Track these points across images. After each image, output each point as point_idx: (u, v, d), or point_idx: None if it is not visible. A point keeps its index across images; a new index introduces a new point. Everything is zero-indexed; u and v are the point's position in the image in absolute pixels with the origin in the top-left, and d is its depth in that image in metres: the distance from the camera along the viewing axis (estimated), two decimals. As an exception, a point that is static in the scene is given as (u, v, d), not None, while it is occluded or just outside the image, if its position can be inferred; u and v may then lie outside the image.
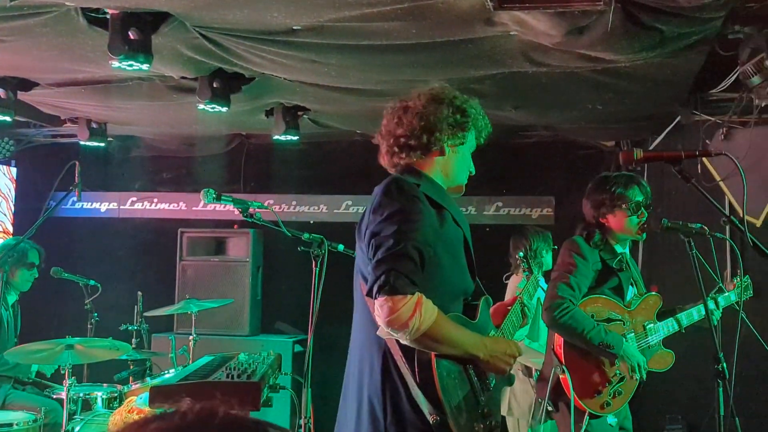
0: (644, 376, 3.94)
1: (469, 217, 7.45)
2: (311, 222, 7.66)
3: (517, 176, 7.60)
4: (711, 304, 3.84)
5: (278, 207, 7.71)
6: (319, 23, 3.90)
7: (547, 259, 5.33)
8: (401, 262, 2.53)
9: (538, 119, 6.75)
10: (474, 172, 2.99)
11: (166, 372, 5.16)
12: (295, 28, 3.99)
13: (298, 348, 7.05)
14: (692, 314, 4.10)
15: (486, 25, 3.89)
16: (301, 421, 3.88)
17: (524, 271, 3.50)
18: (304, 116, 6.35)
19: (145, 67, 4.09)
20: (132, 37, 3.92)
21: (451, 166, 2.90)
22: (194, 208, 7.92)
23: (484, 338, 2.82)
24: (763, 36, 4.38)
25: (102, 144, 6.94)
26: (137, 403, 4.23)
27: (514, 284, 5.39)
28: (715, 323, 3.55)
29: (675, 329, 4.09)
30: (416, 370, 2.61)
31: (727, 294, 4.14)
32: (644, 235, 4.09)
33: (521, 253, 3.60)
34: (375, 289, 2.52)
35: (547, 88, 5.23)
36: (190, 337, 5.85)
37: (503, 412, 5.48)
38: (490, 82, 5.07)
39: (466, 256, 2.86)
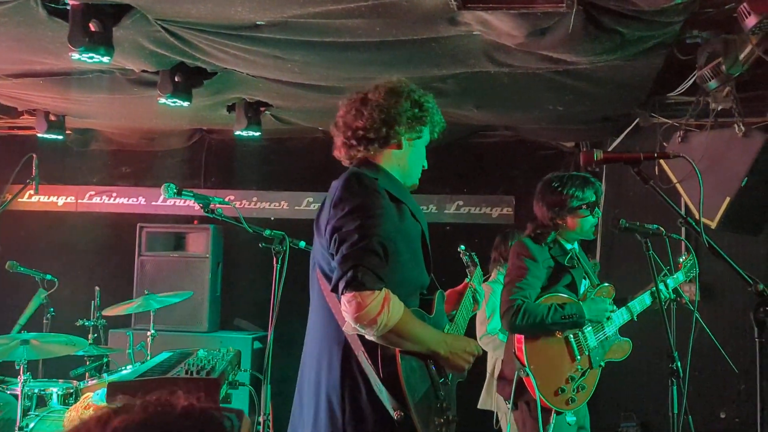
0: (616, 329, 4.05)
1: (430, 216, 7.50)
2: (272, 218, 7.62)
3: (478, 175, 7.65)
4: (661, 287, 3.91)
5: (239, 203, 7.67)
6: (283, 19, 3.89)
7: None
8: (367, 258, 2.53)
9: (500, 119, 6.80)
10: (427, 167, 3.01)
11: (123, 368, 5.11)
12: (258, 23, 3.97)
13: (257, 344, 7.02)
14: (644, 299, 4.17)
15: (449, 25, 3.91)
16: (260, 418, 3.87)
17: (466, 266, 3.51)
18: (267, 112, 6.32)
19: (105, 59, 4.04)
20: (93, 29, 3.87)
21: (407, 159, 2.90)
22: (154, 203, 7.83)
23: (446, 335, 2.83)
24: (720, 41, 4.47)
25: (60, 137, 6.83)
26: (93, 400, 4.19)
27: (488, 287, 5.45)
28: (666, 299, 3.61)
29: (629, 317, 4.16)
30: (380, 365, 2.61)
31: (675, 275, 4.22)
32: (595, 236, 4.17)
33: (462, 246, 3.60)
34: (342, 284, 2.51)
35: (508, 89, 5.28)
36: (149, 333, 5.79)
37: (488, 406, 5.52)
38: (452, 81, 5.10)
39: (423, 251, 2.87)
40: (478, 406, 5.57)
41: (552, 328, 3.87)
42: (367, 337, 2.59)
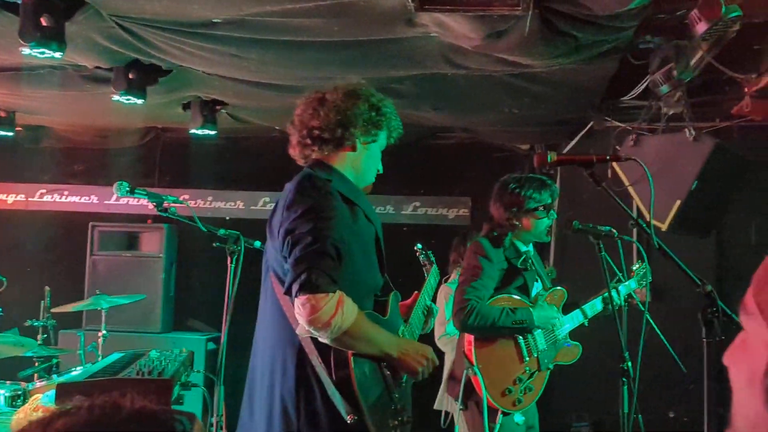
0: (566, 333, 4.09)
1: (386, 217, 7.50)
2: (228, 218, 7.56)
3: (434, 177, 7.68)
4: (613, 294, 3.98)
5: (194, 202, 7.59)
6: (239, 17, 3.86)
7: None
8: (321, 260, 2.52)
9: (457, 121, 6.84)
10: (382, 171, 3.00)
11: (73, 369, 5.02)
12: (215, 20, 3.94)
13: (211, 345, 6.95)
14: (595, 305, 4.22)
15: (407, 26, 3.92)
16: (213, 419, 3.83)
17: (423, 264, 3.53)
18: (222, 110, 6.27)
19: (57, 55, 3.96)
20: (44, 23, 3.80)
21: (361, 162, 2.90)
22: (106, 202, 7.71)
23: (399, 338, 2.84)
24: (672, 46, 4.55)
25: (10, 133, 6.71)
26: (42, 401, 4.10)
27: (448, 288, 5.47)
28: (618, 305, 3.67)
29: (580, 321, 4.21)
30: (333, 369, 2.60)
31: (627, 283, 4.28)
32: (549, 237, 4.22)
33: (419, 245, 3.61)
34: (295, 287, 2.50)
35: (465, 91, 5.31)
36: (100, 334, 5.69)
37: (444, 407, 5.53)
38: (409, 83, 5.11)
39: (376, 252, 2.87)
40: (435, 407, 5.58)
41: (502, 331, 3.90)
42: (320, 340, 2.58)
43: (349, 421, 2.54)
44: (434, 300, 3.39)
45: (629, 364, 3.36)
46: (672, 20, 4.11)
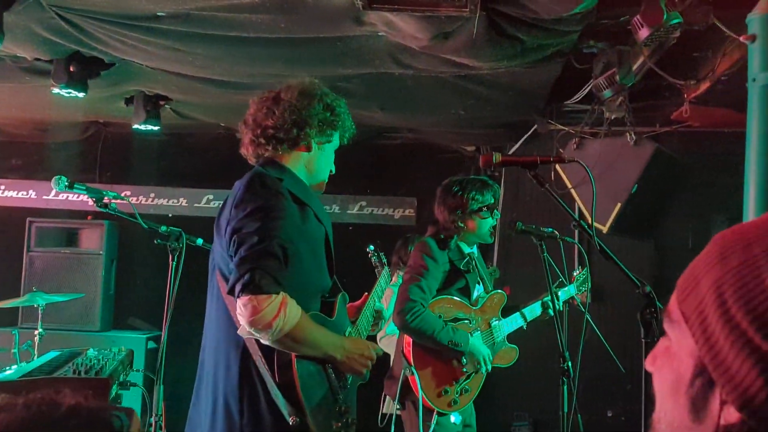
0: (489, 368, 4.08)
1: (332, 216, 7.47)
2: (170, 215, 7.45)
3: (381, 176, 7.69)
4: (552, 298, 4.04)
5: (136, 199, 7.45)
6: (185, 11, 3.80)
7: None
8: (266, 261, 2.49)
9: (404, 121, 6.86)
10: (334, 172, 3.00)
11: (7, 368, 4.89)
12: (159, 14, 3.87)
13: (151, 344, 6.84)
14: (534, 309, 4.28)
15: (355, 24, 3.91)
16: (152, 419, 3.77)
17: (375, 266, 3.53)
18: (166, 106, 6.17)
19: (-6, 45, 3.86)
20: (-19, 13, 3.70)
21: (315, 163, 2.89)
22: (45, 197, 7.53)
23: (343, 339, 2.82)
24: (615, 52, 4.63)
25: (-56, 125, 6.50)
26: (-26, 401, 3.99)
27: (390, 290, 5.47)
28: (553, 313, 3.72)
29: (519, 324, 4.25)
30: (276, 371, 2.58)
31: (567, 287, 4.35)
32: (493, 238, 4.27)
33: (371, 246, 3.62)
34: (238, 287, 2.47)
35: (412, 91, 5.32)
36: (36, 332, 5.56)
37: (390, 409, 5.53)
38: (357, 81, 5.11)
39: (326, 254, 2.85)
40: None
41: (436, 345, 3.91)
42: (262, 341, 2.55)
43: (291, 423, 2.53)
44: None
45: (569, 363, 3.41)
46: (615, 26, 4.18)
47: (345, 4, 3.61)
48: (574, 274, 4.49)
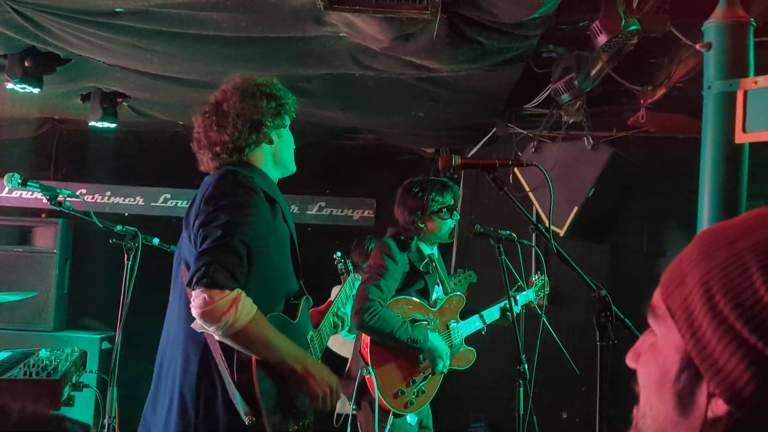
0: (448, 365, 4.10)
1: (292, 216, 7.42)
2: (126, 214, 7.37)
3: (340, 177, 7.68)
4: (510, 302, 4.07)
5: (91, 197, 7.35)
6: (144, 7, 3.75)
7: None
8: (225, 255, 2.48)
9: (364, 122, 6.86)
10: (295, 146, 2.99)
11: (-44, 369, 4.78)
12: (117, 10, 3.82)
13: (105, 345, 6.73)
14: (493, 312, 4.30)
15: (316, 24, 3.90)
16: (105, 421, 3.71)
17: (341, 273, 3.53)
18: (124, 103, 6.09)
19: (-55, 38, 3.77)
20: (-68, 4, 3.61)
21: (280, 150, 2.91)
22: (-3, 194, 7.39)
23: (307, 356, 2.75)
24: (573, 57, 4.68)
25: None
26: None
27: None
28: (512, 319, 3.75)
29: (478, 327, 4.28)
30: (236, 370, 2.56)
31: (525, 292, 4.39)
32: (452, 239, 4.29)
33: (338, 253, 3.62)
34: (194, 279, 2.45)
35: (373, 92, 5.32)
36: (-14, 332, 5.45)
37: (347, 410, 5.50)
38: (317, 82, 5.09)
39: (291, 256, 2.84)
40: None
41: (395, 342, 3.92)
42: (215, 337, 2.53)
43: (247, 422, 2.51)
44: None
45: (526, 366, 3.44)
46: (574, 31, 4.23)
47: (306, 4, 3.59)
48: (533, 279, 4.53)
